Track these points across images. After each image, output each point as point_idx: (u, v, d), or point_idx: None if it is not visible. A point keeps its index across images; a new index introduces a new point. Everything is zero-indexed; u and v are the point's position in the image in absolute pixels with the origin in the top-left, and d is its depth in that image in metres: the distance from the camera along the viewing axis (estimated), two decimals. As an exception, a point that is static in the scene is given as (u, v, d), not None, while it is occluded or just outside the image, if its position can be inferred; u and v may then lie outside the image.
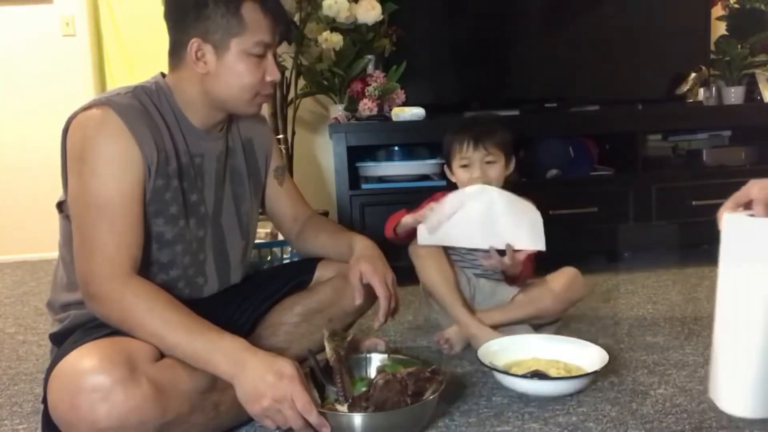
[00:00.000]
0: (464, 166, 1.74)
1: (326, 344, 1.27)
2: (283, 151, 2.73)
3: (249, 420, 1.23)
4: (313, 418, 1.08)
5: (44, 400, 1.13)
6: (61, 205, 1.29)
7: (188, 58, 1.26)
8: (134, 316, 1.13)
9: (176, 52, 1.29)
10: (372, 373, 1.35)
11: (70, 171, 1.21)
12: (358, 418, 1.14)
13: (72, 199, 1.21)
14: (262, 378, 1.08)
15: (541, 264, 1.82)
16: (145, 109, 1.24)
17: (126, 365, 1.06)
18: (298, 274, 1.53)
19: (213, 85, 1.27)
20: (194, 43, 1.24)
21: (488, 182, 1.71)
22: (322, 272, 1.52)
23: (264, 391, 1.07)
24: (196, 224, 1.32)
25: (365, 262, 1.38)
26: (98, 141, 1.17)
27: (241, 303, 1.43)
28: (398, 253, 1.75)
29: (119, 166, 1.17)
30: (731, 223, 1.11)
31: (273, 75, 1.29)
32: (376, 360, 1.39)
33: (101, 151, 1.17)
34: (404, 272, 1.67)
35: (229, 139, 1.40)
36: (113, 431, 1.05)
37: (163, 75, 1.34)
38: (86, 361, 1.06)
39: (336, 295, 1.48)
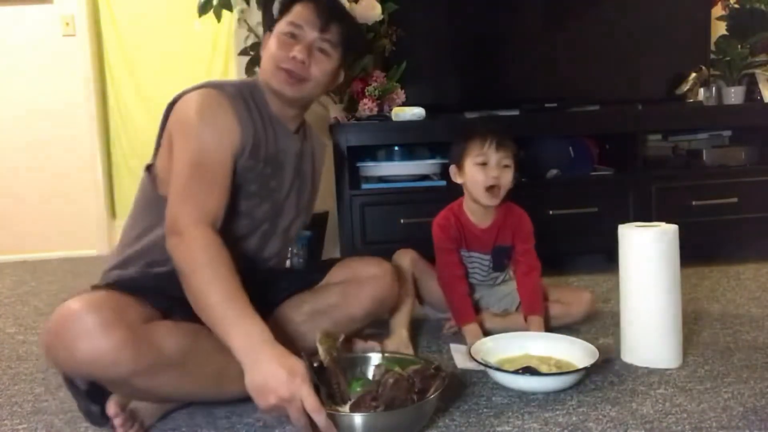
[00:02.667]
0: (481, 164, 1.73)
1: (319, 346, 1.26)
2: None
3: (225, 403, 1.29)
4: (322, 419, 1.08)
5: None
6: (149, 168, 1.44)
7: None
8: (193, 260, 1.21)
9: None
10: (368, 372, 1.36)
11: (177, 139, 1.34)
12: (361, 418, 1.14)
13: (176, 159, 1.33)
14: (274, 374, 1.09)
15: (542, 264, 1.84)
16: (246, 101, 1.41)
17: (111, 311, 1.13)
18: (311, 273, 1.61)
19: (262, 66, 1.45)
20: (266, 36, 1.47)
21: (502, 186, 1.73)
22: (333, 275, 1.57)
23: (275, 388, 1.08)
24: (268, 208, 1.46)
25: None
26: (206, 111, 1.33)
27: (276, 281, 1.52)
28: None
29: (220, 134, 1.33)
30: (624, 231, 1.55)
31: (296, 52, 1.38)
32: (372, 360, 1.39)
33: (207, 120, 1.33)
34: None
35: (304, 143, 1.55)
36: (87, 365, 1.12)
37: None
38: (78, 303, 1.14)
39: (343, 300, 1.52)
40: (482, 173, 1.73)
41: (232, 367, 1.14)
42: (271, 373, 1.09)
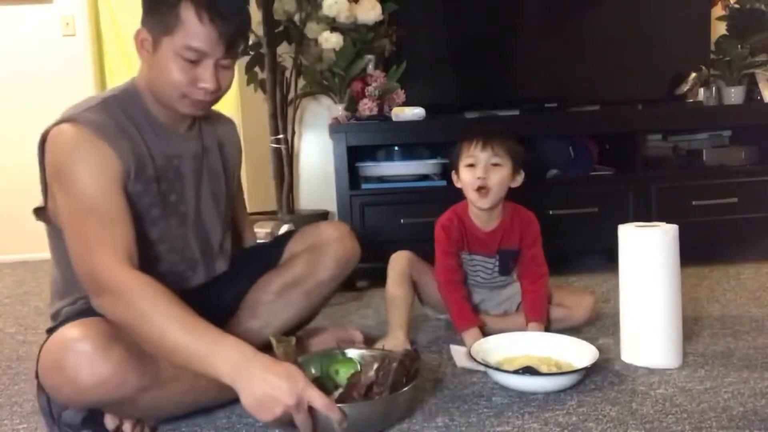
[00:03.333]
0: (470, 165, 1.73)
1: (276, 350, 1.26)
2: (284, 151, 2.73)
3: (228, 404, 1.28)
4: (337, 414, 1.08)
5: (37, 375, 1.20)
6: (38, 211, 1.32)
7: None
8: (135, 311, 1.14)
9: None
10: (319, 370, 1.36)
11: (55, 188, 1.24)
12: (372, 405, 1.17)
13: (61, 213, 1.23)
14: (274, 385, 1.06)
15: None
16: (116, 121, 1.26)
17: (105, 334, 1.13)
18: (270, 250, 1.59)
19: (149, 74, 1.30)
20: (140, 32, 1.29)
21: (490, 185, 1.71)
22: (293, 246, 1.57)
23: (279, 398, 1.06)
24: (177, 223, 1.37)
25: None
26: (73, 154, 1.21)
27: (223, 286, 1.48)
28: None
29: (97, 170, 1.21)
30: (624, 231, 1.55)
31: (207, 83, 1.25)
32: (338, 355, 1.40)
33: (78, 161, 1.20)
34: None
35: (203, 138, 1.43)
36: (94, 391, 1.12)
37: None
38: (71, 331, 1.14)
39: (310, 268, 1.53)
40: (470, 174, 1.72)
41: None
42: (270, 384, 1.06)
